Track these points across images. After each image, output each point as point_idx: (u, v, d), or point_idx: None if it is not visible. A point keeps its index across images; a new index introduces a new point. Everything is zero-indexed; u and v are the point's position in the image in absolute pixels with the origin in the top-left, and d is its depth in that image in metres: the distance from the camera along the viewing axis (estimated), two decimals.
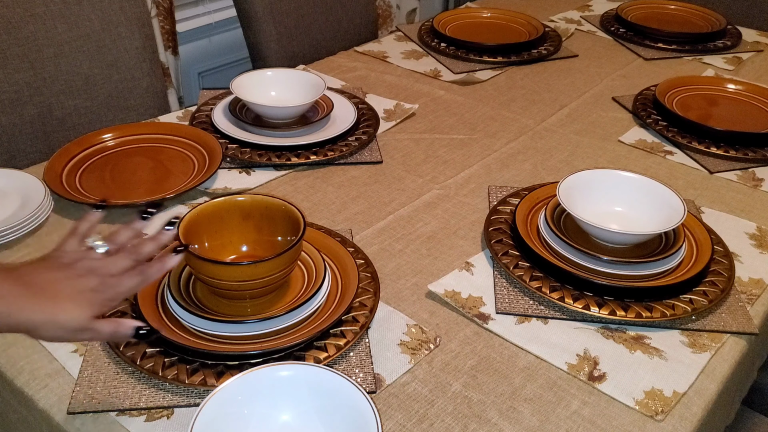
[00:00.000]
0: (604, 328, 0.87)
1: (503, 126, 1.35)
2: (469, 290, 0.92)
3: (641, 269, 0.92)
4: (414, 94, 1.46)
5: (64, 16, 1.34)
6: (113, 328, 0.65)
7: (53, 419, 0.74)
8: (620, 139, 1.32)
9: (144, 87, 1.48)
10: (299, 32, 1.78)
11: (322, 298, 0.84)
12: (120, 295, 0.66)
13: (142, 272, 0.67)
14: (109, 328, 0.64)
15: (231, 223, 0.87)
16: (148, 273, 0.67)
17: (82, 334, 0.63)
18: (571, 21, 1.90)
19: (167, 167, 1.15)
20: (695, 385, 0.80)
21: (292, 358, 0.78)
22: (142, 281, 0.67)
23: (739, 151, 1.26)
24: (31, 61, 1.31)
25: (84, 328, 0.63)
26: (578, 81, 1.55)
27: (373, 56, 1.63)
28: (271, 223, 0.87)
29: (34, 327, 0.61)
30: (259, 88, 1.29)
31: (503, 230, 1.01)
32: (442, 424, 0.74)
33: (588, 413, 0.76)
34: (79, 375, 0.77)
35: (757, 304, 0.92)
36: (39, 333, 0.62)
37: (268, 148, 1.20)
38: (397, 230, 1.05)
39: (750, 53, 1.73)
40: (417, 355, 0.82)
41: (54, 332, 0.62)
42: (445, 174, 1.19)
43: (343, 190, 1.14)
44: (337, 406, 0.68)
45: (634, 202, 1.00)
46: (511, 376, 0.81)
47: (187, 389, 0.76)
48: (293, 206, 0.85)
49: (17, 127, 1.32)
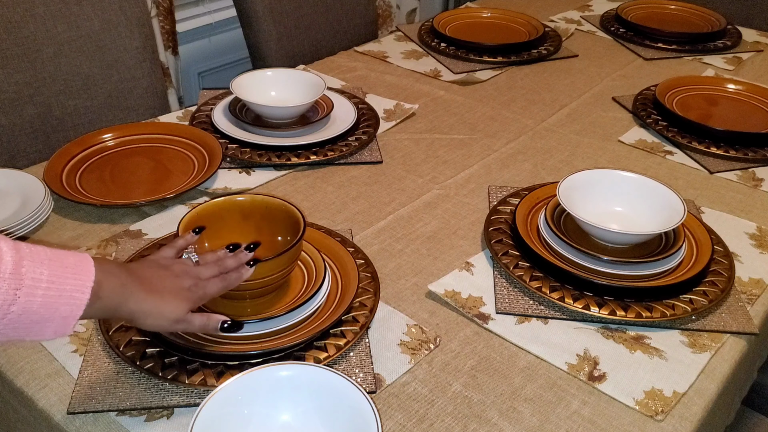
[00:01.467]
0: (604, 328, 0.87)
1: (503, 126, 1.35)
2: (469, 290, 0.92)
3: (641, 269, 0.92)
4: (414, 94, 1.46)
5: (64, 16, 1.34)
6: (204, 321, 0.73)
7: (53, 419, 0.74)
8: (620, 139, 1.32)
9: (144, 87, 1.48)
10: (299, 32, 1.78)
11: (322, 298, 0.84)
12: (207, 295, 0.74)
13: (225, 279, 0.76)
14: (200, 321, 0.73)
15: (231, 223, 0.87)
16: (229, 280, 0.76)
17: (178, 325, 0.71)
18: (571, 21, 1.90)
19: (167, 167, 1.15)
20: (695, 385, 0.80)
21: (292, 358, 0.79)
22: (225, 286, 0.76)
23: (739, 151, 1.26)
24: (31, 61, 1.31)
25: (180, 320, 0.71)
26: (578, 81, 1.55)
27: (373, 56, 1.63)
28: (272, 223, 0.87)
29: (143, 315, 0.68)
30: (259, 88, 1.29)
31: (503, 230, 1.01)
32: (442, 424, 0.74)
33: (588, 413, 0.76)
34: (79, 375, 0.77)
35: (757, 304, 0.92)
36: (144, 321, 0.69)
37: (268, 148, 1.20)
38: (397, 230, 1.05)
39: (750, 53, 1.73)
40: (417, 355, 0.82)
41: (157, 321, 0.69)
42: (445, 174, 1.19)
43: (343, 190, 1.14)
44: (337, 406, 0.68)
45: (634, 202, 1.00)
46: (511, 376, 0.81)
47: (187, 389, 0.76)
48: (293, 206, 0.85)
49: (17, 127, 1.32)
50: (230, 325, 0.74)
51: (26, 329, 0.60)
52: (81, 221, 1.03)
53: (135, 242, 0.98)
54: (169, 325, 0.70)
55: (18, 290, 0.58)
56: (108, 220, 1.04)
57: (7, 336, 0.60)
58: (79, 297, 0.62)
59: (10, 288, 0.58)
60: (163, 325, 0.70)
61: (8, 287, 0.58)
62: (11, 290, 0.58)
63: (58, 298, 0.60)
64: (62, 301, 0.61)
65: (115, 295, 0.65)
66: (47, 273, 0.60)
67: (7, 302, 0.58)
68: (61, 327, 0.62)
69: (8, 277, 0.58)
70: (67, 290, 0.61)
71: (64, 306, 0.61)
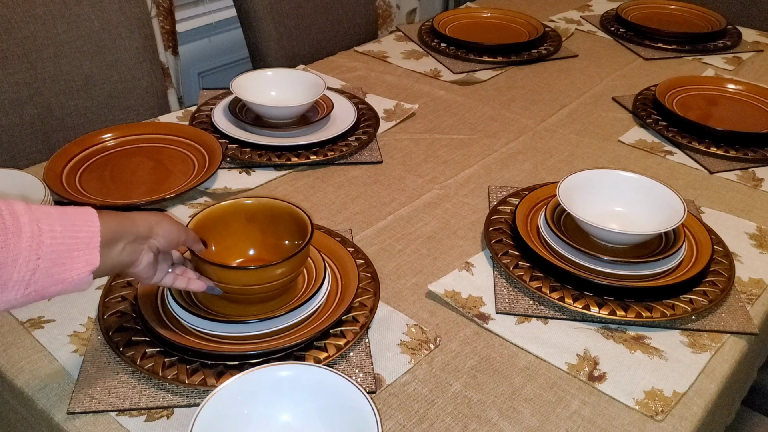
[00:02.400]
0: (604, 328, 0.87)
1: (503, 126, 1.35)
2: (469, 290, 0.92)
3: (641, 269, 0.92)
4: (414, 94, 1.46)
5: (64, 16, 1.34)
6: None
7: (53, 419, 0.74)
8: (620, 139, 1.32)
9: (144, 87, 1.48)
10: (299, 32, 1.78)
11: (322, 298, 0.84)
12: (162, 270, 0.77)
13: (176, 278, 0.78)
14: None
15: (237, 226, 0.87)
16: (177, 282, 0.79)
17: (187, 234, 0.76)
18: (571, 21, 1.90)
19: (167, 167, 1.15)
20: (695, 385, 0.80)
21: (292, 358, 0.79)
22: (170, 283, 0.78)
23: (739, 151, 1.26)
24: (31, 62, 1.31)
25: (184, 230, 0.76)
26: (578, 81, 1.55)
27: (373, 56, 1.63)
28: (277, 226, 0.87)
29: (158, 222, 0.72)
30: (259, 88, 1.29)
31: (503, 230, 1.01)
32: (442, 424, 0.74)
33: (588, 413, 0.76)
34: (79, 375, 0.77)
35: (757, 304, 0.92)
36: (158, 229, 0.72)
37: (268, 148, 1.20)
38: (397, 230, 1.05)
39: (750, 53, 1.73)
40: (417, 355, 0.82)
41: (170, 228, 0.73)
42: (445, 174, 1.19)
43: (343, 190, 1.14)
44: (337, 406, 0.68)
45: (634, 202, 1.00)
46: (511, 376, 0.81)
47: (187, 389, 0.76)
48: (300, 209, 0.85)
49: (17, 127, 1.32)
50: None
51: (60, 263, 0.62)
52: None
53: None
54: (180, 235, 0.74)
55: (39, 221, 0.62)
56: None
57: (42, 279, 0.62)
58: (90, 226, 0.64)
59: (32, 220, 0.61)
60: (176, 235, 0.73)
61: (30, 220, 0.61)
62: (34, 222, 0.61)
63: (73, 225, 0.63)
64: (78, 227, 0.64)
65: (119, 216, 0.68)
66: (54, 211, 0.64)
67: (35, 233, 0.61)
68: (88, 255, 0.63)
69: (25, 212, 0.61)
70: (78, 221, 0.64)
71: (81, 233, 0.64)
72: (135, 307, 0.84)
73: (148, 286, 0.85)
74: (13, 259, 0.60)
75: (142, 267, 0.71)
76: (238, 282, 0.78)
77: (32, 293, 0.62)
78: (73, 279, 0.63)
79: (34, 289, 0.62)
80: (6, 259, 0.59)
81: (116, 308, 0.84)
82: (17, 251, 0.60)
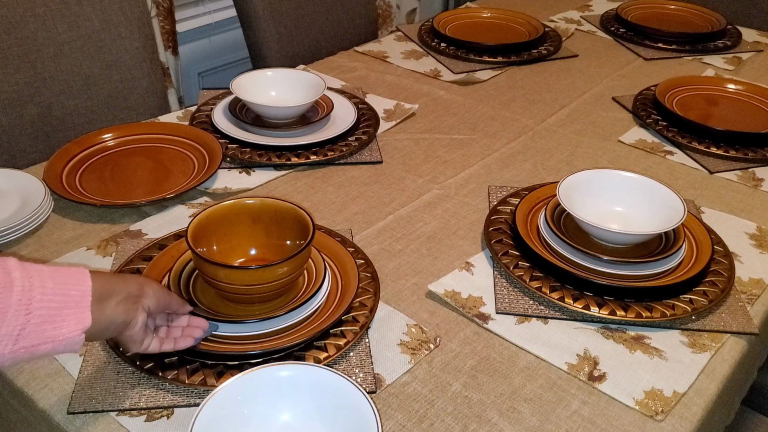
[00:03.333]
0: (604, 328, 0.87)
1: (503, 126, 1.35)
2: (469, 290, 0.92)
3: (641, 269, 0.92)
4: (414, 94, 1.46)
5: (64, 16, 1.34)
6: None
7: (53, 419, 0.74)
8: (620, 139, 1.32)
9: (144, 87, 1.48)
10: (299, 32, 1.78)
11: (322, 298, 0.84)
12: None
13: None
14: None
15: (240, 226, 0.87)
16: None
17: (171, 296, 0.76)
18: (571, 21, 1.90)
19: (167, 167, 1.15)
20: (695, 385, 0.80)
21: (292, 358, 0.78)
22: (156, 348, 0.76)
23: (739, 151, 1.26)
24: (31, 61, 1.31)
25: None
26: (578, 81, 1.55)
27: (373, 56, 1.63)
28: (281, 226, 0.87)
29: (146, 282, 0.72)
30: (259, 88, 1.29)
31: (503, 230, 1.01)
32: (442, 424, 0.74)
33: (588, 413, 0.76)
34: (79, 375, 0.77)
35: (757, 304, 0.92)
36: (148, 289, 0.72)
37: (268, 148, 1.20)
38: (397, 230, 1.05)
39: (750, 53, 1.73)
40: (417, 355, 0.82)
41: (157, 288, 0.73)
42: (445, 174, 1.19)
43: (343, 190, 1.14)
44: (337, 406, 0.68)
45: (634, 202, 1.00)
46: (511, 376, 0.81)
47: (187, 389, 0.76)
48: (303, 210, 0.85)
49: (17, 127, 1.32)
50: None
51: (50, 321, 0.62)
52: (81, 221, 1.03)
53: (135, 242, 0.98)
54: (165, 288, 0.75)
55: (31, 278, 0.61)
56: (108, 220, 1.04)
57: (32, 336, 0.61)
58: (82, 284, 0.64)
59: (24, 276, 0.61)
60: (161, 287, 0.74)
61: (21, 275, 0.61)
62: (25, 278, 0.61)
63: (64, 283, 0.63)
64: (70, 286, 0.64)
65: (110, 275, 0.69)
66: (46, 268, 0.63)
67: (26, 288, 0.61)
68: (79, 314, 0.63)
69: (17, 268, 0.61)
70: (70, 279, 0.64)
71: (73, 291, 0.63)
72: None
73: None
74: (2, 313, 0.59)
75: (138, 328, 0.70)
76: (240, 282, 0.78)
77: (21, 350, 0.61)
78: (64, 337, 0.62)
79: (23, 345, 0.61)
80: None
81: None
82: (7, 305, 0.59)
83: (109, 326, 0.67)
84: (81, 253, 0.96)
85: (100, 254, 0.96)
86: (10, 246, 0.97)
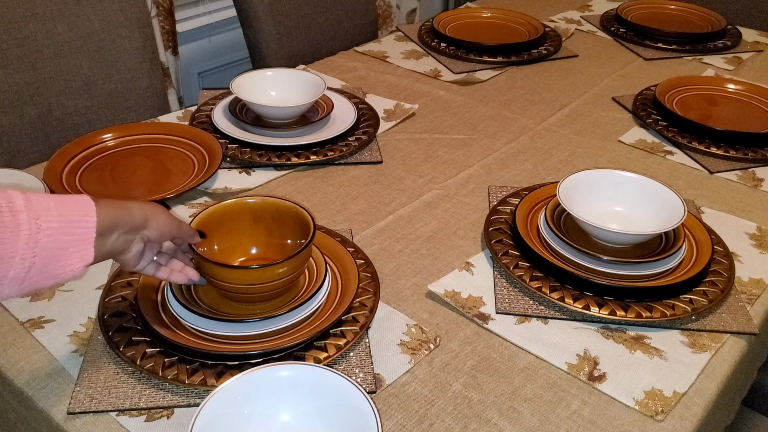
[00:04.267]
0: (604, 328, 0.87)
1: (503, 126, 1.35)
2: (469, 290, 0.92)
3: (641, 269, 0.92)
4: (414, 94, 1.46)
5: (64, 16, 1.34)
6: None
7: (53, 419, 0.74)
8: (620, 139, 1.32)
9: (144, 87, 1.48)
10: (299, 32, 1.78)
11: (322, 298, 0.84)
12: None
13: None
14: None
15: (241, 225, 0.87)
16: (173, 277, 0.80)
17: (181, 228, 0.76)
18: (571, 21, 1.90)
19: (167, 167, 1.15)
20: (695, 385, 0.80)
21: (292, 358, 0.78)
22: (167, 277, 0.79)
23: (739, 151, 1.26)
24: (31, 61, 1.31)
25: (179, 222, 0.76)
26: (578, 81, 1.55)
27: (373, 56, 1.63)
28: (282, 226, 0.87)
29: (153, 213, 0.72)
30: (259, 88, 1.29)
31: (503, 230, 1.01)
32: (442, 424, 0.74)
33: (588, 413, 0.76)
34: (79, 375, 0.77)
35: (757, 304, 0.92)
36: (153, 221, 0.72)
37: (268, 148, 1.20)
38: (397, 230, 1.05)
39: (750, 53, 1.73)
40: (417, 355, 0.82)
41: (164, 220, 0.73)
42: (445, 174, 1.19)
43: (343, 190, 1.14)
44: (337, 406, 0.68)
45: (634, 202, 1.00)
46: (511, 376, 0.81)
47: (187, 389, 0.76)
48: (304, 209, 0.85)
49: (17, 127, 1.32)
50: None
51: (55, 260, 0.63)
52: None
53: None
54: (175, 227, 0.75)
55: (38, 219, 0.62)
56: None
57: (37, 276, 0.62)
58: (87, 220, 0.65)
59: (31, 218, 0.61)
60: (169, 226, 0.74)
61: (29, 217, 0.61)
62: (32, 220, 0.61)
63: (70, 221, 0.64)
64: (75, 223, 0.64)
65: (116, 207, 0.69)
66: (53, 204, 0.64)
67: (33, 231, 0.61)
68: (82, 250, 0.64)
69: (25, 209, 0.61)
70: (76, 215, 0.65)
71: (78, 228, 0.64)
72: (135, 307, 0.84)
73: (148, 283, 0.85)
74: (10, 257, 0.60)
75: (131, 255, 0.72)
76: (240, 281, 0.78)
77: (26, 287, 0.63)
78: (66, 273, 0.64)
79: (28, 284, 0.63)
80: (3, 256, 0.60)
81: (116, 308, 0.84)
82: (14, 249, 0.60)
83: (107, 255, 0.70)
84: None
85: None
86: None
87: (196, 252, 0.79)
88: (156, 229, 0.73)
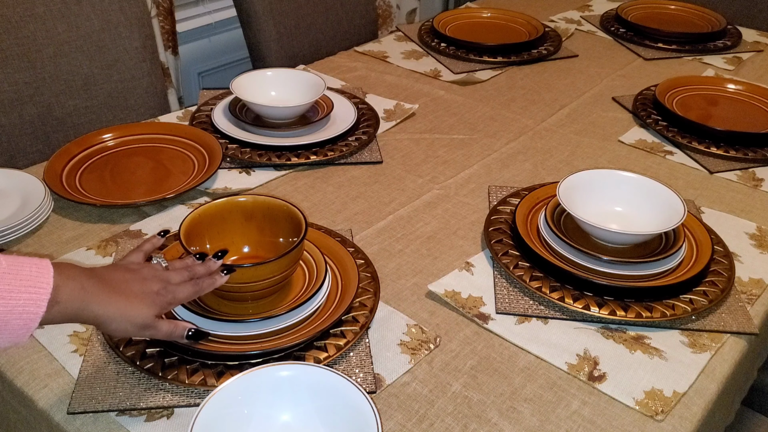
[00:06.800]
0: (604, 328, 0.87)
1: (503, 126, 1.35)
2: (469, 290, 0.92)
3: (641, 269, 0.92)
4: (414, 94, 1.46)
5: (64, 16, 1.34)
6: (171, 328, 0.72)
7: (53, 419, 0.74)
8: (620, 139, 1.32)
9: (144, 87, 1.48)
10: (299, 32, 1.78)
11: (322, 298, 0.84)
12: (177, 300, 0.73)
13: (197, 284, 0.75)
14: (167, 328, 0.72)
15: (233, 224, 0.87)
16: (201, 285, 0.75)
17: (145, 331, 0.70)
18: (571, 21, 1.90)
19: (167, 167, 1.15)
20: (695, 385, 0.80)
21: (292, 358, 0.79)
22: (196, 291, 0.75)
23: (739, 151, 1.26)
24: (31, 61, 1.31)
25: (147, 326, 0.70)
26: (578, 81, 1.55)
27: (373, 56, 1.63)
28: (274, 224, 0.87)
29: (108, 320, 0.67)
30: (259, 88, 1.29)
31: (503, 230, 1.01)
32: (442, 424, 0.74)
33: (588, 413, 0.76)
34: (79, 375, 0.77)
35: (757, 304, 0.92)
36: (109, 326, 0.68)
37: (268, 148, 1.20)
38: (397, 230, 1.05)
39: (750, 53, 1.73)
40: (417, 355, 0.82)
41: (123, 326, 0.68)
42: (445, 174, 1.19)
43: (343, 190, 1.14)
44: (337, 406, 0.68)
45: (634, 202, 1.00)
46: (511, 376, 0.81)
47: (187, 389, 0.76)
48: (295, 207, 0.85)
49: (17, 127, 1.32)
50: (195, 333, 0.73)
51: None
52: (81, 221, 1.03)
53: (135, 242, 0.98)
54: (136, 331, 0.69)
55: None
56: (108, 220, 1.04)
57: None
58: (33, 311, 0.61)
59: None
60: (129, 330, 0.69)
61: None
62: None
63: (9, 314, 0.60)
64: (14, 316, 0.60)
65: (76, 299, 0.64)
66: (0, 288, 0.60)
67: None
68: (15, 337, 0.62)
69: None
70: (20, 304, 0.60)
71: (15, 320, 0.60)
72: None
73: None
74: None
75: None
76: (233, 280, 0.78)
77: None
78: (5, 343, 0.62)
79: None
80: None
81: None
82: None
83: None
84: (81, 253, 0.96)
85: (100, 254, 0.96)
86: (10, 246, 0.97)
87: (188, 252, 0.79)
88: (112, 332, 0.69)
